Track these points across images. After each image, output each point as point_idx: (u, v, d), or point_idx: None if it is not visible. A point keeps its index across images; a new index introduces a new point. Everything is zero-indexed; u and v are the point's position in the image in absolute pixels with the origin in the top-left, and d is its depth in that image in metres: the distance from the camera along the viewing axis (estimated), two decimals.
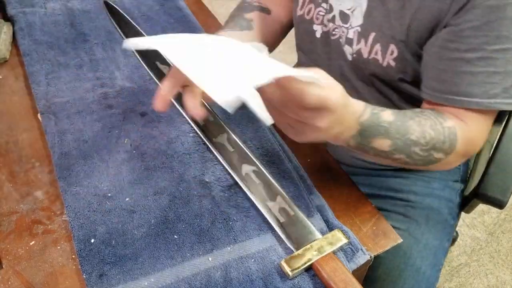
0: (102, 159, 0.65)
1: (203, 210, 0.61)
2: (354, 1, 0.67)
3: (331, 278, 0.53)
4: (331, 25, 0.71)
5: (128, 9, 0.94)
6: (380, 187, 0.82)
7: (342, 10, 0.69)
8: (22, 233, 0.57)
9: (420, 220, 0.77)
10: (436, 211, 0.78)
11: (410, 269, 0.73)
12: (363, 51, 0.68)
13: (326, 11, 0.71)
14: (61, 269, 0.54)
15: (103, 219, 0.58)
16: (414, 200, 0.79)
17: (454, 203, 0.82)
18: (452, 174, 0.84)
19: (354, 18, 0.67)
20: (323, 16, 0.72)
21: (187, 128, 0.71)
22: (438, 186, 0.81)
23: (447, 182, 0.83)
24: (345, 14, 0.68)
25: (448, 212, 0.79)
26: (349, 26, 0.68)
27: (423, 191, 0.80)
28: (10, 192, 0.61)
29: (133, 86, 0.77)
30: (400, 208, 0.79)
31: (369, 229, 0.61)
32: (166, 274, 0.54)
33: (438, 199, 0.80)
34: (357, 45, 0.68)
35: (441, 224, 0.77)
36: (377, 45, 0.66)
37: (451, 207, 0.81)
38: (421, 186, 0.81)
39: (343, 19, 0.69)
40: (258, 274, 0.55)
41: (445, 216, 0.79)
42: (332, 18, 0.70)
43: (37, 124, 0.71)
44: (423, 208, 0.78)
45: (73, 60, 0.81)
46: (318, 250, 0.55)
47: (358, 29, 0.67)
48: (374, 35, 0.66)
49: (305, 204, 0.62)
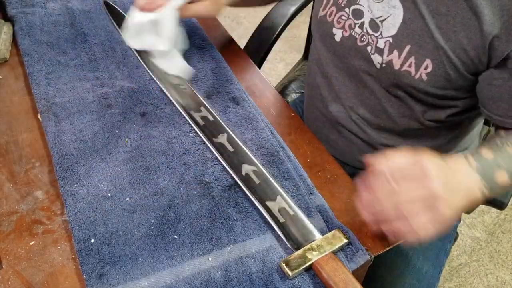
0: (102, 159, 0.65)
1: (203, 210, 0.61)
2: (386, 11, 0.66)
3: (331, 278, 0.53)
4: (359, 31, 0.69)
5: (128, 9, 0.93)
6: None
7: (373, 19, 0.67)
8: (22, 233, 0.57)
9: None
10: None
11: (412, 270, 0.73)
12: (394, 62, 0.66)
13: (348, 17, 0.70)
14: (61, 269, 0.54)
15: (103, 219, 0.58)
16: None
17: None
18: None
19: (385, 28, 0.66)
20: (345, 21, 0.71)
21: (187, 128, 0.71)
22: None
23: None
24: (375, 23, 0.67)
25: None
26: (379, 36, 0.67)
27: None
28: (10, 192, 0.61)
29: (133, 86, 0.77)
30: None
31: (369, 229, 0.61)
32: (166, 274, 0.54)
33: None
34: (388, 56, 0.67)
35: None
36: (412, 58, 0.65)
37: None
38: None
39: (373, 27, 0.68)
40: (258, 274, 0.55)
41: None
42: (361, 24, 0.69)
43: (37, 124, 0.71)
44: None
45: (73, 60, 0.81)
46: (318, 250, 0.55)
47: (390, 40, 0.66)
48: (409, 47, 0.64)
49: (305, 204, 0.62)
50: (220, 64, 0.83)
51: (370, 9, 0.67)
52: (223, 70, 0.82)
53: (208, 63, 0.83)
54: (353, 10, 0.69)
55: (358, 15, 0.69)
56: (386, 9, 0.66)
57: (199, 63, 0.83)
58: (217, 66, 0.83)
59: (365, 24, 0.69)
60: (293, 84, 1.16)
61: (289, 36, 2.27)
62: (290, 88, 1.15)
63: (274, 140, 0.70)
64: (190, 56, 0.84)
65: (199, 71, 0.82)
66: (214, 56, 0.85)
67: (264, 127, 0.72)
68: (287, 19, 1.10)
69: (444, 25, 0.61)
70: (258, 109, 0.76)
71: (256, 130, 0.72)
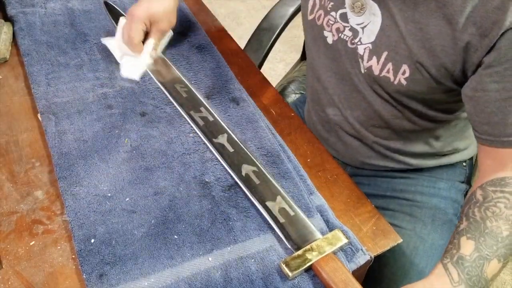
0: (102, 159, 0.65)
1: (203, 210, 0.61)
2: (366, 17, 0.66)
3: (331, 279, 0.53)
4: (349, 33, 0.70)
5: (128, 9, 0.93)
6: (386, 188, 0.83)
7: (352, 26, 0.68)
8: (22, 233, 0.57)
9: (426, 220, 0.77)
10: (442, 211, 0.78)
11: (416, 269, 0.73)
12: (374, 68, 0.67)
13: (335, 20, 0.70)
14: (61, 269, 0.54)
15: (103, 219, 0.58)
16: (420, 200, 0.79)
17: (459, 203, 0.82)
18: (458, 175, 0.84)
19: (365, 35, 0.67)
20: (332, 24, 0.71)
21: (187, 128, 0.71)
22: (444, 186, 0.82)
23: (453, 182, 0.83)
24: (355, 29, 0.68)
25: (453, 213, 0.79)
26: (358, 42, 0.68)
27: (430, 191, 0.80)
28: (10, 192, 0.61)
29: (133, 86, 0.77)
30: (406, 208, 0.79)
31: (369, 229, 0.61)
32: (166, 274, 0.54)
33: (444, 199, 0.80)
34: (368, 62, 0.68)
35: (447, 224, 0.77)
36: (389, 64, 0.65)
37: (456, 208, 0.81)
38: (427, 186, 0.81)
39: (354, 34, 0.68)
40: (258, 274, 0.55)
41: (450, 216, 0.79)
42: (350, 29, 0.69)
43: (37, 124, 0.71)
44: (429, 208, 0.78)
45: (73, 60, 0.81)
46: (318, 250, 0.55)
47: (370, 47, 0.67)
48: (386, 54, 0.65)
49: (305, 204, 0.62)
50: (220, 64, 0.83)
51: (351, 15, 0.68)
52: (223, 70, 0.82)
53: (208, 63, 0.83)
54: (340, 14, 0.69)
55: (345, 18, 0.69)
56: (367, 16, 0.66)
57: (199, 63, 0.83)
58: (217, 66, 0.83)
59: (351, 29, 0.69)
60: (292, 85, 1.16)
61: (289, 36, 2.27)
62: (289, 89, 1.15)
63: (274, 140, 0.70)
64: (190, 56, 0.84)
65: (199, 71, 0.82)
66: (214, 56, 0.85)
67: (264, 127, 0.72)
68: (286, 19, 1.10)
69: (418, 32, 0.61)
70: (258, 109, 0.76)
71: (256, 130, 0.72)
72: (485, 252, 0.50)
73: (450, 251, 0.52)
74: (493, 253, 0.50)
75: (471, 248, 0.51)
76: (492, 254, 0.50)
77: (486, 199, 0.54)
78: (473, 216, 0.54)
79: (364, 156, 0.82)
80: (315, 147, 0.72)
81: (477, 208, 0.54)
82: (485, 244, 0.50)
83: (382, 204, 0.81)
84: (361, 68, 0.69)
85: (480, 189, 0.57)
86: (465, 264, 0.50)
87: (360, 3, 0.66)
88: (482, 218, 0.52)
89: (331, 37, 0.72)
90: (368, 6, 0.65)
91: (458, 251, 0.51)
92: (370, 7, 0.65)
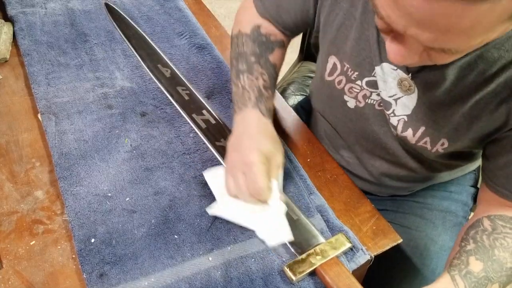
0: (102, 159, 0.65)
1: (203, 210, 0.61)
2: (401, 89, 0.61)
3: (335, 283, 0.53)
4: (376, 98, 0.64)
5: (128, 10, 0.94)
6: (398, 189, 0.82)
7: (383, 98, 0.63)
8: (23, 233, 0.57)
9: (437, 222, 0.77)
10: (453, 213, 0.79)
11: (426, 270, 0.73)
12: (409, 138, 0.63)
13: (361, 88, 0.65)
14: (61, 269, 0.54)
15: (103, 219, 0.58)
16: (431, 203, 0.80)
17: (468, 206, 0.83)
18: (468, 179, 0.84)
19: (399, 107, 0.62)
20: (358, 92, 0.66)
21: (187, 128, 0.71)
22: (455, 189, 0.82)
23: (464, 186, 0.83)
24: (387, 101, 0.63)
25: (463, 215, 0.80)
26: (391, 114, 0.63)
27: (441, 194, 0.81)
28: (10, 192, 0.61)
29: (133, 86, 0.77)
30: (417, 210, 0.79)
31: (369, 229, 0.61)
32: (166, 274, 0.54)
33: (455, 202, 0.81)
34: (402, 133, 0.63)
35: (457, 226, 0.78)
36: (427, 138, 0.62)
37: (466, 211, 0.82)
38: (439, 189, 0.81)
39: (386, 106, 0.63)
40: (258, 274, 0.55)
41: (461, 219, 0.80)
42: (378, 93, 0.64)
43: (37, 124, 0.71)
44: (440, 210, 0.79)
45: (73, 60, 0.81)
46: (322, 254, 0.55)
47: (405, 119, 0.62)
48: (423, 129, 0.61)
49: (305, 204, 0.62)
50: (220, 64, 0.83)
51: (384, 87, 0.62)
52: (223, 70, 0.82)
53: (208, 63, 0.84)
54: (367, 82, 0.64)
55: (373, 85, 0.64)
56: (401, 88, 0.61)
57: (199, 63, 0.83)
58: (217, 66, 0.83)
59: (381, 100, 0.64)
60: (292, 87, 1.16)
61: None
62: (289, 91, 1.15)
63: None
64: (190, 56, 0.84)
65: (199, 71, 0.82)
66: (214, 56, 0.85)
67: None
68: None
69: (468, 110, 0.58)
70: None
71: None
72: (491, 274, 0.54)
73: (458, 265, 0.55)
74: (497, 278, 0.55)
75: (479, 267, 0.55)
76: (496, 278, 0.55)
77: (495, 231, 0.58)
78: (481, 241, 0.57)
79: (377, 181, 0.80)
80: (315, 147, 0.72)
81: (485, 235, 0.58)
82: (492, 268, 0.55)
83: (393, 206, 0.81)
84: (392, 130, 0.65)
85: (488, 220, 0.60)
86: (473, 279, 0.54)
87: (407, 82, 0.60)
88: (491, 246, 0.56)
89: (354, 102, 0.67)
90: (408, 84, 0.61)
91: (466, 267, 0.55)
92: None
